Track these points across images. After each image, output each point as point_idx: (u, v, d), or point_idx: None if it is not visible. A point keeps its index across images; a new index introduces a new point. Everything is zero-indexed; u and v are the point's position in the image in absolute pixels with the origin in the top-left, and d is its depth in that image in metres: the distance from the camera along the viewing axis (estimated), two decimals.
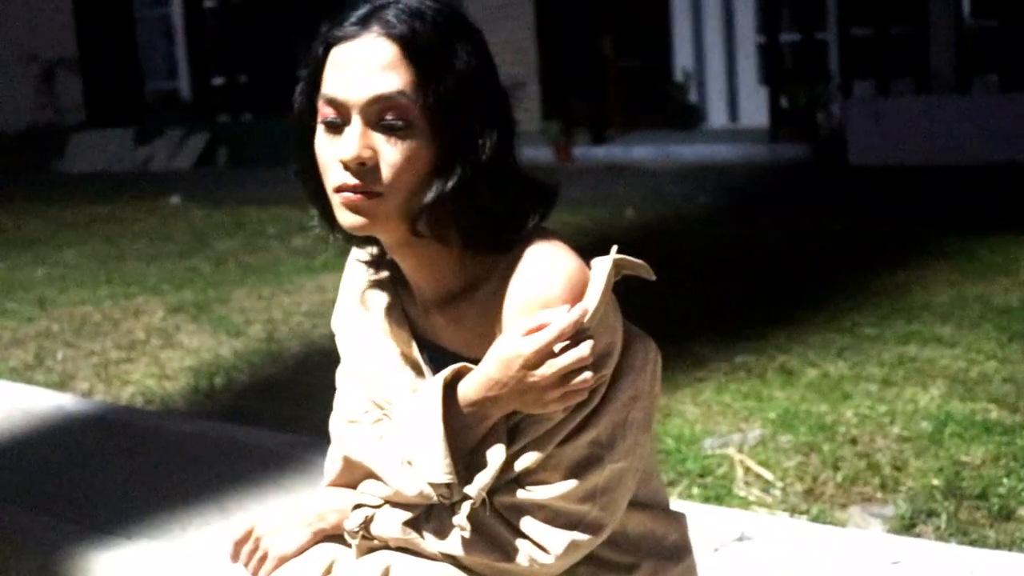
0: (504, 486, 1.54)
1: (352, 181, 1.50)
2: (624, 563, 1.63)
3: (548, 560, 1.54)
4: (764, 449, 3.52)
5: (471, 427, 1.53)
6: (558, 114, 14.22)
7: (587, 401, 1.53)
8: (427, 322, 1.64)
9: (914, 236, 7.02)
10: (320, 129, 1.53)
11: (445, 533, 1.56)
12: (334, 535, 1.68)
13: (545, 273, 1.52)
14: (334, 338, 1.77)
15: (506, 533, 1.54)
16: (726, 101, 15.25)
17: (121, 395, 4.71)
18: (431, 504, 1.56)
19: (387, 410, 1.67)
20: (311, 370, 4.73)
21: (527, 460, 1.53)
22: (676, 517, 1.73)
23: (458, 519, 1.53)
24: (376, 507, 1.62)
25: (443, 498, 1.53)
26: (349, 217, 1.52)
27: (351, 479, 1.67)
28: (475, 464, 1.53)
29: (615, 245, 1.56)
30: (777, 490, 3.25)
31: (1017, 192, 9.10)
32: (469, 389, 1.53)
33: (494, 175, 1.51)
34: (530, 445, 1.53)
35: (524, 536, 1.54)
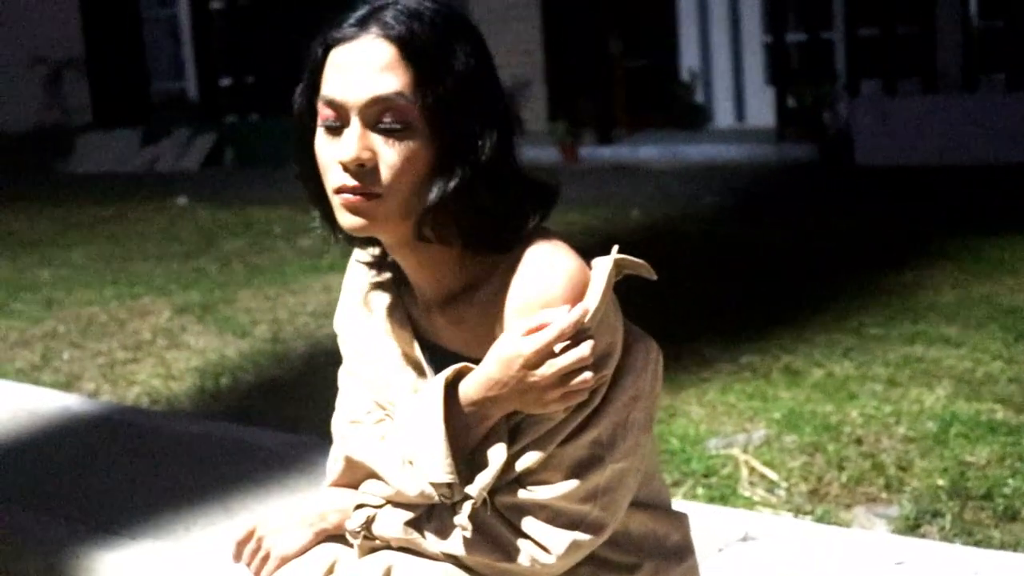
0: (505, 486, 1.54)
1: (351, 182, 1.50)
2: (626, 563, 1.63)
3: (549, 560, 1.54)
4: (769, 449, 3.52)
5: (472, 427, 1.54)
6: (564, 114, 14.20)
7: (588, 401, 1.53)
8: (429, 322, 1.64)
9: (921, 236, 7.01)
10: (320, 130, 1.54)
11: (446, 533, 1.56)
12: (336, 535, 1.69)
13: (545, 273, 1.52)
14: (338, 339, 1.77)
15: (507, 533, 1.54)
16: (732, 101, 15.21)
17: (127, 395, 4.72)
18: (432, 504, 1.57)
19: (389, 411, 1.67)
20: (317, 370, 4.73)
21: (528, 460, 1.53)
22: (678, 517, 1.73)
23: (459, 519, 1.53)
24: (378, 507, 1.62)
25: (444, 498, 1.53)
26: (349, 218, 1.53)
27: (353, 479, 1.67)
28: (476, 464, 1.53)
29: (616, 245, 1.56)
30: (782, 490, 3.25)
31: None
32: (470, 389, 1.53)
33: (494, 175, 1.51)
34: (531, 445, 1.53)
35: (525, 536, 1.54)
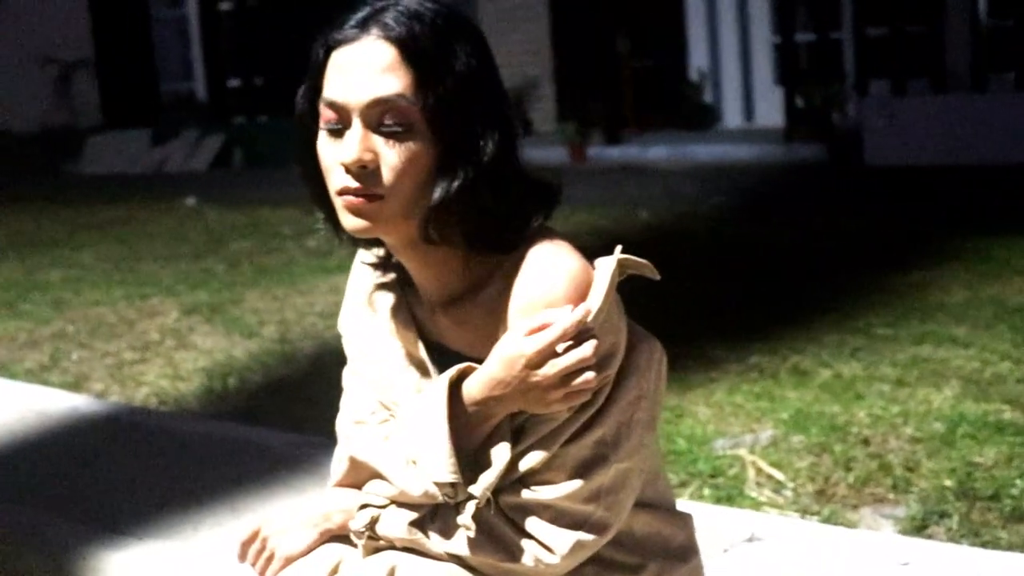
0: (509, 486, 1.54)
1: (354, 184, 1.50)
2: (630, 563, 1.63)
3: (553, 560, 1.54)
4: (776, 450, 3.51)
5: (476, 426, 1.54)
6: (573, 114, 14.19)
7: (592, 401, 1.53)
8: (433, 323, 1.64)
9: (929, 236, 6.99)
10: (322, 132, 1.54)
11: (450, 533, 1.56)
12: (340, 535, 1.69)
13: (548, 273, 1.52)
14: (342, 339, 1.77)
15: (511, 533, 1.54)
16: (741, 101, 15.20)
17: (135, 396, 4.73)
18: (436, 504, 1.57)
19: (393, 411, 1.67)
20: (324, 371, 4.72)
21: (532, 460, 1.53)
22: (682, 518, 1.73)
23: (463, 519, 1.53)
24: (382, 507, 1.62)
25: (448, 498, 1.53)
26: (352, 220, 1.53)
27: (357, 479, 1.67)
28: (480, 464, 1.53)
29: (619, 245, 1.56)
30: (789, 491, 3.24)
31: None
32: (473, 388, 1.53)
33: (496, 176, 1.51)
34: (535, 445, 1.53)
35: (529, 536, 1.54)
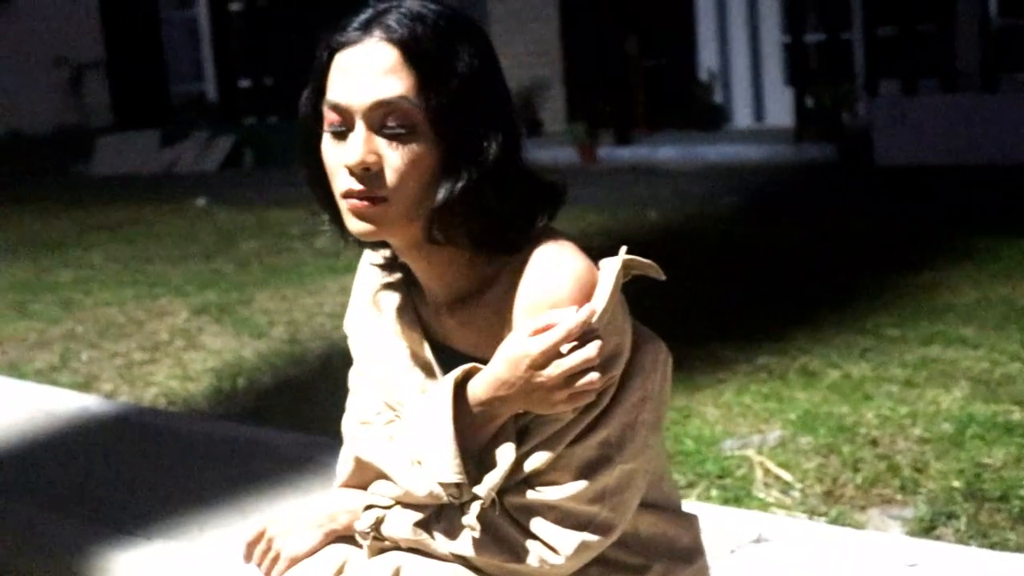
0: (514, 487, 1.54)
1: (357, 186, 1.50)
2: (635, 564, 1.63)
3: (558, 561, 1.54)
4: (784, 451, 3.50)
5: (481, 427, 1.54)
6: (583, 115, 14.18)
7: (597, 402, 1.53)
8: (439, 324, 1.64)
9: (939, 236, 6.97)
10: (326, 135, 1.54)
11: (455, 534, 1.56)
12: (345, 536, 1.69)
13: (553, 274, 1.52)
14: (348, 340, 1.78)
15: (516, 534, 1.55)
16: (751, 101, 15.16)
17: (144, 396, 4.73)
18: (441, 505, 1.57)
19: (399, 411, 1.67)
20: (334, 371, 4.72)
21: (537, 460, 1.53)
22: (688, 519, 1.73)
23: (468, 519, 1.53)
24: (387, 508, 1.62)
25: (453, 498, 1.53)
26: (356, 224, 1.53)
27: (362, 480, 1.68)
28: (485, 464, 1.54)
29: (624, 246, 1.56)
30: (796, 492, 3.24)
31: None
32: (478, 389, 1.53)
33: (500, 177, 1.51)
34: (540, 445, 1.53)
35: (534, 537, 1.54)
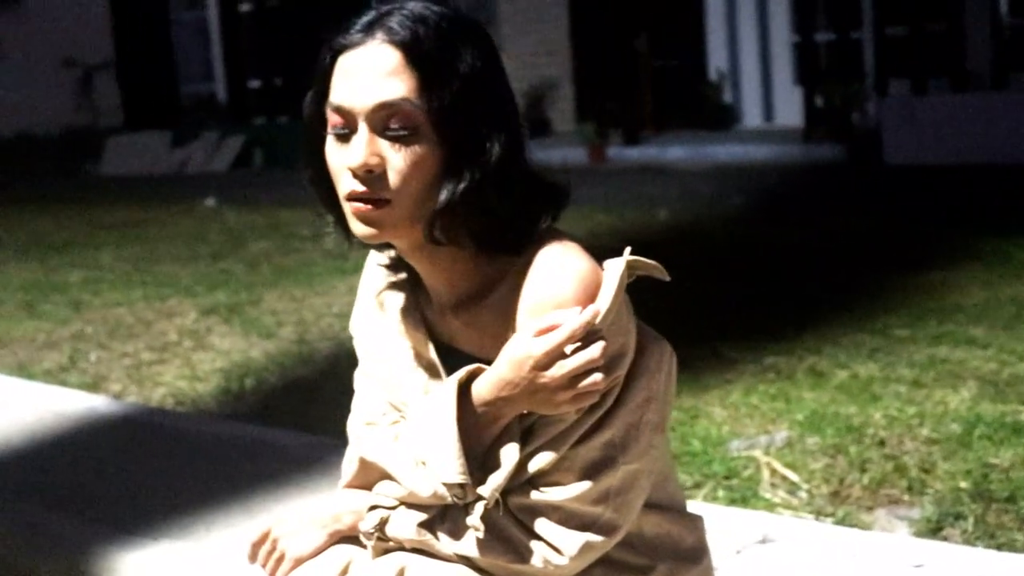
0: (518, 487, 1.54)
1: (360, 188, 1.50)
2: (640, 565, 1.63)
3: (562, 561, 1.54)
4: (791, 451, 3.50)
5: (485, 427, 1.54)
6: (592, 115, 14.19)
7: (601, 403, 1.53)
8: (443, 324, 1.64)
9: (948, 236, 6.96)
10: (330, 137, 1.54)
11: (459, 534, 1.56)
12: (350, 536, 1.70)
13: (557, 274, 1.52)
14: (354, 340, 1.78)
15: (520, 534, 1.55)
16: (760, 101, 15.16)
17: (153, 397, 4.74)
18: (446, 505, 1.57)
19: (403, 411, 1.67)
20: (341, 372, 4.69)
21: (541, 461, 1.53)
22: (693, 519, 1.73)
23: (472, 520, 1.53)
24: (391, 508, 1.62)
25: (457, 498, 1.54)
26: (360, 227, 1.53)
27: (367, 480, 1.68)
28: (489, 465, 1.54)
29: (628, 246, 1.56)
30: (803, 492, 3.23)
31: None
32: (482, 389, 1.53)
33: (502, 178, 1.51)
34: (544, 446, 1.53)
35: (538, 537, 1.54)
